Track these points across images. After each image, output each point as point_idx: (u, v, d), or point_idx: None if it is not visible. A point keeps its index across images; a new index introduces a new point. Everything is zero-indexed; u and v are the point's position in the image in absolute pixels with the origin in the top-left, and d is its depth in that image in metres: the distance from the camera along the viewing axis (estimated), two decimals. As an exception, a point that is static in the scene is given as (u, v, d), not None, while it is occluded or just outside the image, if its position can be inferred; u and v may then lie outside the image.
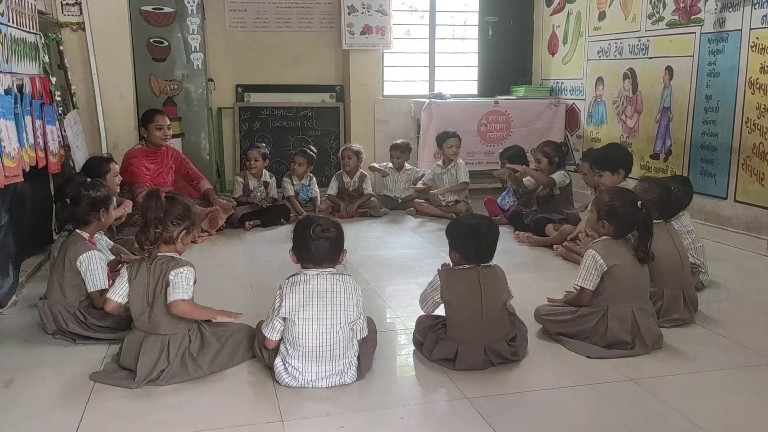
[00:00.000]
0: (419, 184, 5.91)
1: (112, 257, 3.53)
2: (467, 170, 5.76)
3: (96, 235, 3.29)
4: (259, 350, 2.68)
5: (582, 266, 2.89)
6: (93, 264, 3.00)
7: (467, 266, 2.73)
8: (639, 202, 2.91)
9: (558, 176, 4.88)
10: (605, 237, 2.93)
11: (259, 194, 5.50)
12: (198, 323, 2.68)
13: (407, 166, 6.09)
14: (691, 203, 3.80)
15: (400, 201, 6.00)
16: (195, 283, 2.62)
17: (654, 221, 3.17)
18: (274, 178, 5.66)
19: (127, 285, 2.61)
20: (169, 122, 5.14)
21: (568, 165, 5.47)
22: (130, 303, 2.62)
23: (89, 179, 3.44)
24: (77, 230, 3.12)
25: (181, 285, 2.54)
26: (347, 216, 5.58)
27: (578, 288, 2.92)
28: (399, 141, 6.12)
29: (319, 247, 2.52)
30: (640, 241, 2.88)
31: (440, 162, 5.84)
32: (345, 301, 2.51)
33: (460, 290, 2.68)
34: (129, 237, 4.05)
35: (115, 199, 4.00)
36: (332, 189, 5.83)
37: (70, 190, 3.17)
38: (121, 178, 4.33)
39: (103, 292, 2.94)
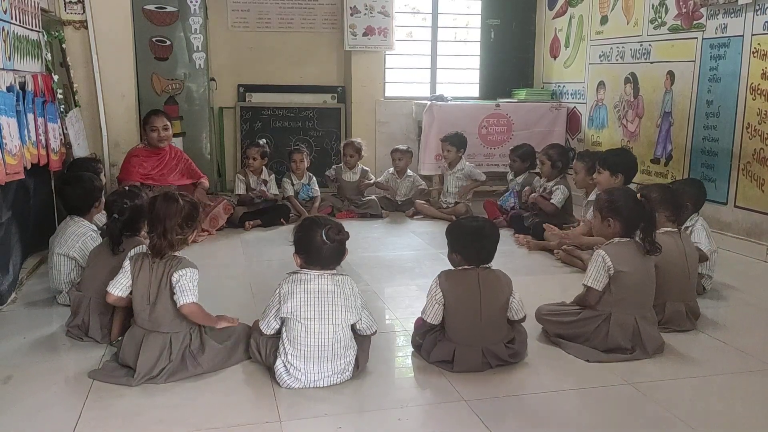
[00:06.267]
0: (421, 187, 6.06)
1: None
2: (477, 170, 5.74)
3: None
4: (255, 351, 2.67)
5: (590, 266, 2.88)
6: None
7: (467, 267, 2.73)
8: (639, 195, 2.91)
9: (558, 199, 4.85)
10: (616, 239, 2.92)
11: (260, 188, 5.51)
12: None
13: (409, 172, 6.09)
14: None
15: (400, 203, 6.00)
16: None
17: (668, 230, 3.18)
18: (273, 175, 5.68)
19: (130, 280, 2.62)
20: (166, 123, 5.04)
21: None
22: (132, 299, 2.63)
23: (127, 188, 3.23)
24: (127, 236, 2.99)
25: (189, 288, 2.55)
26: (355, 197, 5.80)
27: (585, 287, 2.89)
28: (401, 145, 6.12)
29: (332, 250, 2.53)
30: (645, 233, 2.87)
31: (445, 163, 5.85)
32: (344, 302, 2.53)
33: (459, 291, 2.68)
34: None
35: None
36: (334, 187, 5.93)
37: (115, 207, 3.02)
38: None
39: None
